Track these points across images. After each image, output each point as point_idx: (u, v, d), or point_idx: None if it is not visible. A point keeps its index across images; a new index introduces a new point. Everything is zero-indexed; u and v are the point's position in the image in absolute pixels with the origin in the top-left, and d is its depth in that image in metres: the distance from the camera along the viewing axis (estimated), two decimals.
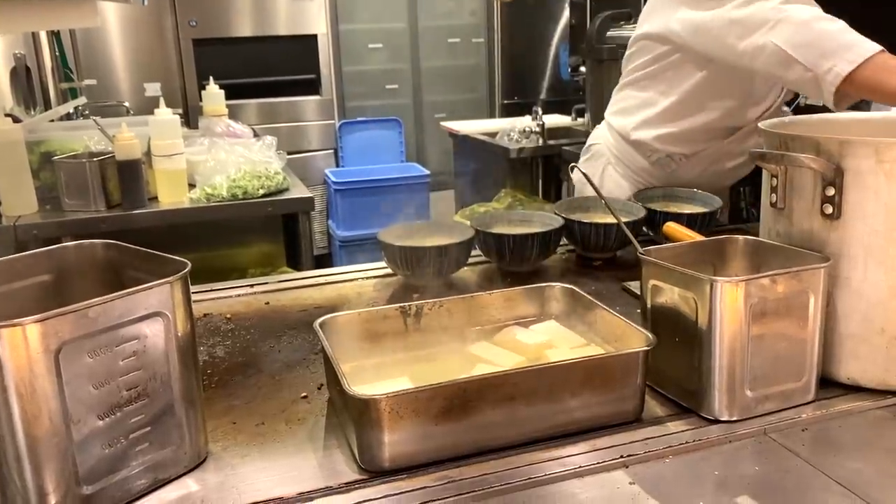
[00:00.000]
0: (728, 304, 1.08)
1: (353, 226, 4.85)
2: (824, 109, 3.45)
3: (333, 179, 4.90)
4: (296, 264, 2.95)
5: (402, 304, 1.29)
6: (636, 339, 1.16)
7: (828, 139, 1.14)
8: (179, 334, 1.00)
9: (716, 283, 1.09)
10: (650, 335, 1.13)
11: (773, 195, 1.24)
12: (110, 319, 0.92)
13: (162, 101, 2.64)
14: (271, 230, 2.94)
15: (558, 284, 1.36)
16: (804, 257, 1.18)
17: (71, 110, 3.74)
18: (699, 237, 1.55)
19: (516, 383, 1.05)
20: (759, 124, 1.30)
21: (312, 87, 5.25)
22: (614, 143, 2.20)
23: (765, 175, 1.28)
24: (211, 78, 3.48)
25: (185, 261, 1.03)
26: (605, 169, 2.22)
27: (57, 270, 1.12)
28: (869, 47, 1.53)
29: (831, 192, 1.15)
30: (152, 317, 0.96)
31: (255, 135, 3.33)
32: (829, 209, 1.16)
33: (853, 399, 1.17)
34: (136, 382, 0.96)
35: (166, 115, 2.58)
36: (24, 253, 1.10)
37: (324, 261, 4.99)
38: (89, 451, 0.92)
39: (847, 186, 1.14)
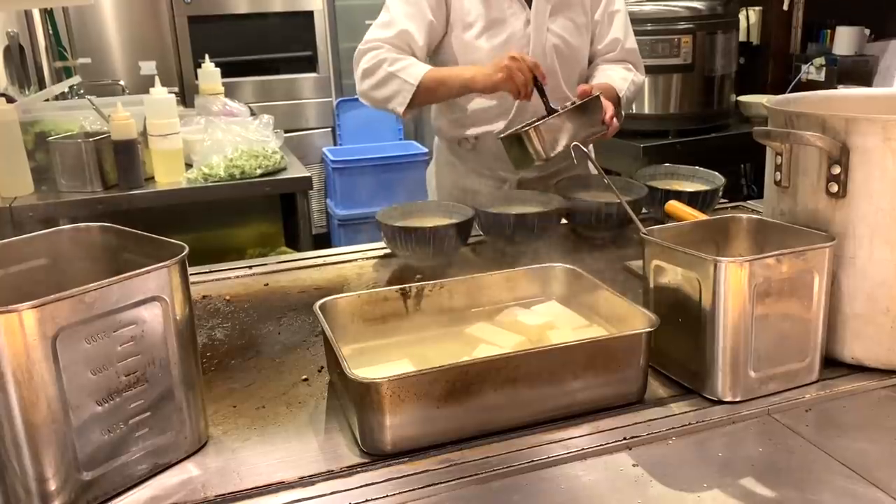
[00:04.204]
0: (732, 284, 1.07)
1: (352, 204, 4.82)
2: (824, 86, 3.43)
3: (331, 158, 4.86)
4: (294, 244, 2.93)
5: (402, 286, 1.28)
6: (639, 319, 1.15)
7: (834, 117, 1.13)
8: (178, 319, 0.99)
9: (720, 263, 1.07)
10: (653, 316, 1.12)
11: (778, 173, 1.22)
12: (108, 304, 0.91)
13: (157, 79, 2.61)
14: (269, 210, 2.91)
15: (559, 265, 1.35)
16: (809, 236, 1.16)
17: (65, 89, 3.70)
18: (701, 216, 1.54)
19: (518, 366, 1.04)
20: (764, 102, 1.28)
21: (309, 64, 5.19)
22: (437, 140, 2.24)
23: (769, 153, 1.26)
24: (206, 56, 3.44)
25: (183, 244, 1.01)
26: (439, 163, 2.24)
27: (53, 254, 1.11)
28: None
29: (837, 170, 1.13)
30: (150, 301, 0.95)
31: (252, 113, 3.29)
32: (835, 188, 1.14)
33: (857, 379, 1.17)
34: (135, 368, 0.95)
35: (162, 94, 2.54)
36: (19, 237, 1.09)
37: (322, 240, 4.96)
38: (89, 436, 0.92)
39: (853, 165, 1.12)
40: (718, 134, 3.31)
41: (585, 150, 1.45)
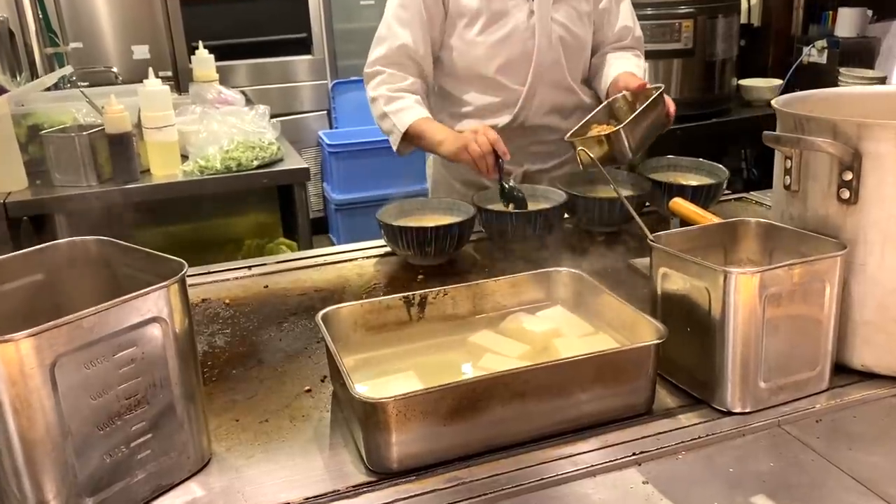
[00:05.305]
0: (742, 294, 1.05)
1: (349, 189, 4.78)
2: (827, 68, 3.39)
3: (328, 142, 4.81)
4: (293, 233, 2.90)
5: (405, 294, 1.26)
6: (646, 328, 1.13)
7: (845, 122, 1.10)
8: (178, 338, 0.97)
9: (730, 274, 1.05)
10: (661, 327, 1.10)
11: (787, 177, 1.20)
12: (106, 328, 0.88)
13: (151, 71, 2.56)
14: (267, 200, 2.88)
15: (565, 269, 1.33)
16: (819, 243, 1.14)
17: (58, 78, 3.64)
18: (707, 214, 1.51)
19: (527, 380, 1.03)
20: (773, 102, 1.25)
21: (303, 46, 5.12)
22: None
23: (778, 156, 1.24)
24: (200, 42, 3.38)
25: (182, 261, 0.99)
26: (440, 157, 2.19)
27: (50, 269, 1.09)
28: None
29: (848, 176, 1.11)
30: (150, 323, 0.93)
31: (248, 100, 3.25)
32: (846, 194, 1.12)
33: (867, 387, 1.15)
34: (136, 390, 0.93)
35: (156, 86, 2.50)
36: (15, 253, 1.06)
37: (319, 224, 4.93)
38: (89, 462, 0.90)
39: (865, 170, 1.10)
40: (719, 119, 3.28)
41: (591, 155, 1.43)
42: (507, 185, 1.77)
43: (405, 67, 1.92)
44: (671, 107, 1.79)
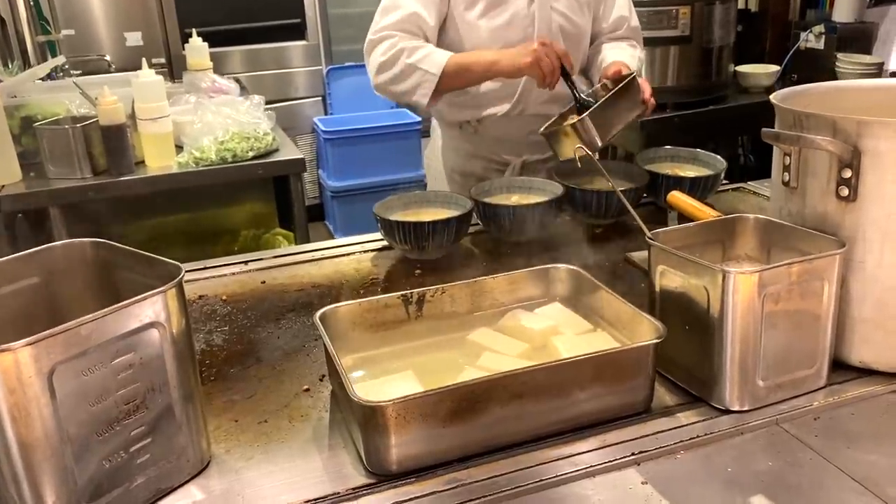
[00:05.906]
0: (741, 294, 1.05)
1: (345, 175, 4.77)
2: (824, 53, 3.37)
3: (323, 128, 4.79)
4: (289, 223, 2.89)
5: (403, 293, 1.25)
6: (645, 327, 1.13)
7: (844, 119, 1.09)
8: (176, 342, 0.96)
9: (729, 273, 1.05)
10: (660, 325, 1.10)
11: (786, 174, 1.19)
12: (104, 335, 0.88)
13: (144, 62, 2.53)
14: (262, 190, 2.87)
15: (563, 266, 1.33)
16: (817, 240, 1.14)
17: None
18: (704, 208, 1.51)
19: (525, 381, 1.03)
20: (771, 98, 1.25)
21: (298, 31, 5.09)
22: (437, 122, 2.19)
23: (776, 152, 1.23)
24: (194, 31, 3.35)
25: (178, 264, 0.99)
26: (438, 147, 2.19)
27: (45, 272, 1.08)
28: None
29: (848, 174, 1.10)
30: (147, 328, 0.93)
31: (242, 88, 3.22)
32: (845, 191, 1.12)
33: (865, 383, 1.16)
34: (134, 395, 0.93)
35: (150, 77, 2.47)
36: (10, 256, 1.05)
37: (315, 211, 4.92)
38: (89, 468, 0.90)
39: (864, 168, 1.10)
40: (716, 106, 3.26)
41: (591, 154, 1.43)
42: (580, 96, 1.77)
43: (415, 36, 1.86)
44: (647, 92, 1.76)
